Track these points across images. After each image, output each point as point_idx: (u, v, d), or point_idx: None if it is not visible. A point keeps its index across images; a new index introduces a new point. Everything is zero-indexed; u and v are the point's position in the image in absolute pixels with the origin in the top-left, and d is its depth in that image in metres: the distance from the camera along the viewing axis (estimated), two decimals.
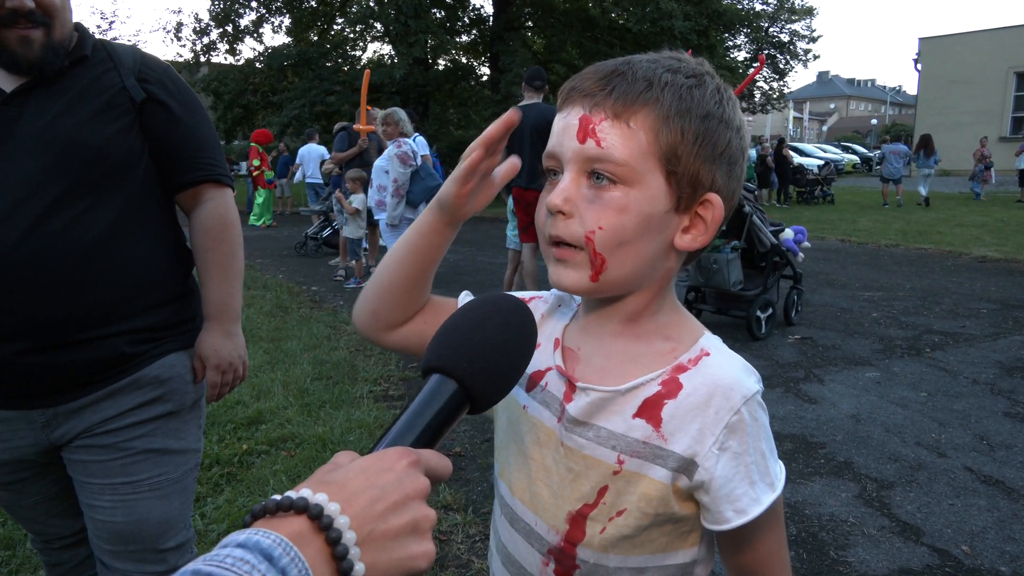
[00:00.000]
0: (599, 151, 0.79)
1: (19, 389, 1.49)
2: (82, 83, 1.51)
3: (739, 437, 0.82)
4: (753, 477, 0.82)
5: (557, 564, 0.90)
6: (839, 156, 32.40)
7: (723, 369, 0.85)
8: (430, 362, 0.71)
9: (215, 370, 1.72)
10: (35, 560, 2.66)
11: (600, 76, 0.82)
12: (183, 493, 1.71)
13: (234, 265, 1.76)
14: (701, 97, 0.81)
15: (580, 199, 0.81)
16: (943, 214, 15.68)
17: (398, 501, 0.59)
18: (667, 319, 0.90)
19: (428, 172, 6.96)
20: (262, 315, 6.73)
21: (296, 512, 0.54)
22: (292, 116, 20.52)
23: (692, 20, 21.09)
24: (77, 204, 1.47)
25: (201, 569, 0.47)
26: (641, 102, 0.79)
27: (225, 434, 3.85)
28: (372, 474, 0.59)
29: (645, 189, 0.80)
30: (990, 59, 27.40)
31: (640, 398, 0.85)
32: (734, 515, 0.81)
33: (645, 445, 0.83)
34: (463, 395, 0.70)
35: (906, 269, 9.37)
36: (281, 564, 0.49)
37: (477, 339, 0.72)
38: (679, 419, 0.83)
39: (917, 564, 2.73)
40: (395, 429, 0.67)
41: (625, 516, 0.85)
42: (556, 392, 0.91)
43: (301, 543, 0.52)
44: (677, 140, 0.79)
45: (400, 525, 0.59)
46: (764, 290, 6.00)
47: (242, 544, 0.50)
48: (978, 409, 4.35)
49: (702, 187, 0.82)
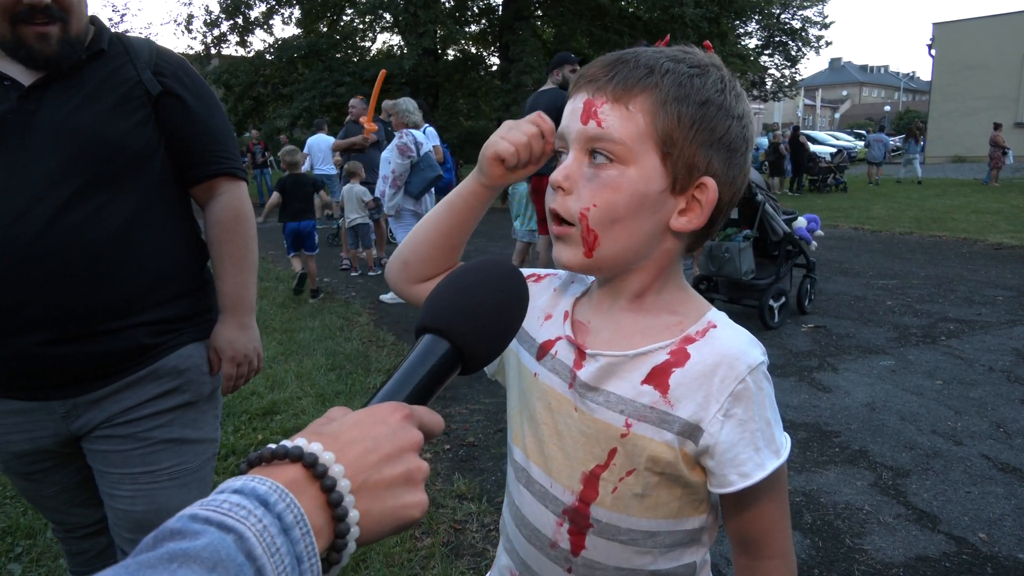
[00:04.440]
0: (599, 131, 0.85)
1: (39, 380, 1.51)
2: (99, 77, 1.52)
3: (744, 405, 0.85)
4: (758, 443, 0.86)
5: (571, 524, 0.93)
6: (852, 144, 32.10)
7: (729, 340, 0.89)
8: (424, 322, 0.73)
9: (230, 362, 1.73)
10: (55, 549, 2.69)
11: (605, 64, 0.88)
12: (202, 482, 1.73)
13: (248, 258, 1.77)
14: (702, 85, 0.85)
15: (580, 177, 0.87)
16: (957, 201, 15.54)
17: (391, 452, 0.60)
18: (672, 296, 0.94)
19: (429, 163, 6.94)
20: (275, 306, 6.76)
21: (291, 460, 0.55)
22: (303, 108, 20.54)
23: (703, 7, 20.92)
24: (95, 197, 1.47)
25: (199, 513, 0.48)
26: (640, 87, 0.84)
27: (240, 424, 3.88)
28: (366, 426, 0.61)
29: (640, 169, 0.84)
30: (1004, 44, 27.06)
31: (648, 365, 0.89)
32: (738, 478, 0.85)
33: (652, 410, 0.88)
34: (455, 355, 0.71)
35: (920, 257, 9.30)
36: (277, 510, 0.50)
37: (470, 302, 0.73)
38: (685, 387, 0.87)
39: (934, 552, 2.72)
40: (388, 386, 0.68)
41: (635, 476, 0.89)
42: (566, 360, 0.95)
43: (296, 490, 0.53)
44: (673, 124, 0.84)
45: (394, 475, 0.60)
46: (777, 279, 5.97)
47: (238, 490, 0.50)
48: (994, 397, 4.32)
49: (697, 171, 0.86)
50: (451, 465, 3.47)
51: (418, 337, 0.73)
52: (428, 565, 2.63)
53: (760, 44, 30.05)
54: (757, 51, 29.88)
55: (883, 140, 21.73)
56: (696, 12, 20.43)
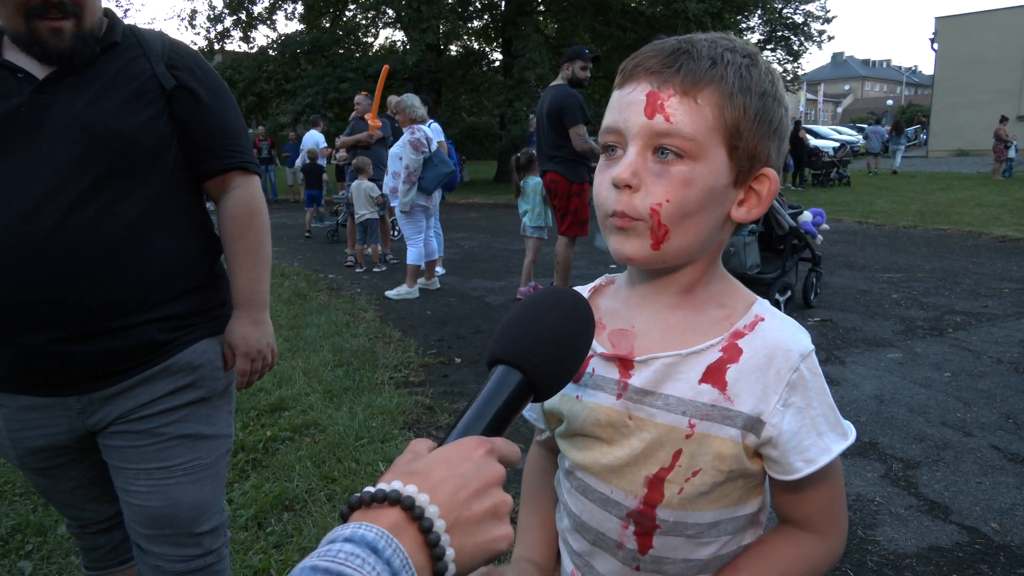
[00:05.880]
0: (668, 126, 0.81)
1: (54, 377, 1.50)
2: (113, 70, 1.51)
3: (801, 392, 0.86)
4: (821, 428, 0.87)
5: (637, 526, 0.93)
6: (854, 137, 32.02)
7: (779, 332, 0.89)
8: (495, 354, 0.74)
9: (244, 358, 1.73)
10: (66, 546, 2.69)
11: (667, 54, 0.84)
12: (216, 478, 1.72)
13: (261, 253, 1.76)
14: (758, 76, 0.85)
15: (647, 173, 0.83)
16: (961, 194, 15.50)
17: (479, 488, 0.63)
18: (719, 287, 0.94)
19: (441, 159, 6.93)
20: (281, 303, 6.76)
21: (390, 504, 0.58)
22: (306, 104, 20.56)
23: (706, 2, 20.88)
24: (109, 192, 1.47)
25: (319, 565, 0.51)
26: (707, 79, 0.82)
27: (249, 421, 3.89)
28: (453, 463, 0.63)
29: (710, 163, 0.83)
30: (1007, 38, 26.97)
31: (703, 364, 0.88)
32: (804, 464, 0.86)
33: (714, 408, 0.87)
34: (528, 385, 0.73)
35: (925, 250, 9.29)
36: (385, 556, 0.54)
37: (540, 331, 0.74)
38: (743, 381, 0.86)
39: (947, 542, 2.72)
40: (465, 419, 0.70)
41: (701, 475, 0.89)
42: (608, 374, 0.93)
43: (398, 533, 0.56)
44: (740, 116, 0.83)
45: (482, 511, 0.62)
46: (782, 273, 5.96)
47: (349, 539, 0.54)
48: (1003, 388, 4.32)
49: (759, 162, 0.86)
50: None
51: (490, 369, 0.74)
52: None
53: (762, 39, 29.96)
54: (759, 46, 29.76)
55: (880, 132, 24.22)
56: (699, 7, 20.40)
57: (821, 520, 0.92)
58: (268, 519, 2.88)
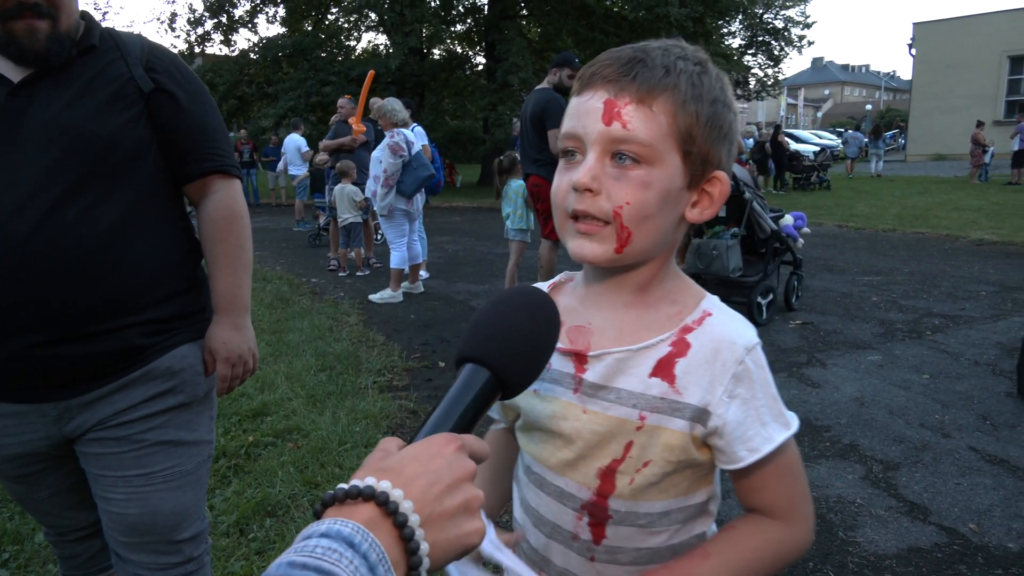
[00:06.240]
0: (625, 133, 0.85)
1: (31, 382, 1.48)
2: (90, 73, 1.50)
3: (746, 384, 0.90)
4: (764, 419, 0.90)
5: (591, 517, 0.96)
6: (834, 142, 32.34)
7: (725, 326, 0.93)
8: (464, 352, 0.75)
9: (225, 363, 1.71)
10: (44, 554, 2.66)
11: (623, 63, 0.87)
12: (197, 484, 1.71)
13: (242, 257, 1.74)
14: (709, 83, 0.89)
15: (605, 177, 0.86)
16: (939, 198, 15.69)
17: (450, 484, 0.64)
18: (672, 285, 0.98)
19: (421, 163, 6.91)
20: (263, 307, 6.72)
21: (364, 500, 0.59)
22: (288, 107, 20.45)
23: (688, 7, 21.02)
24: (87, 195, 1.45)
25: (296, 560, 0.52)
26: (661, 88, 0.85)
27: (231, 426, 3.85)
28: (424, 460, 0.64)
29: (665, 167, 0.86)
30: (984, 43, 27.29)
31: (654, 359, 0.92)
32: (747, 453, 0.89)
33: (663, 400, 0.91)
34: (496, 382, 0.74)
35: (904, 253, 9.39)
36: (362, 550, 0.54)
37: (507, 329, 0.76)
38: (691, 374, 0.90)
39: (926, 543, 2.74)
40: (435, 417, 0.71)
41: (651, 466, 0.92)
42: (564, 369, 0.96)
43: (373, 528, 0.57)
44: (692, 123, 0.87)
45: (455, 506, 0.63)
46: (764, 276, 6.01)
47: (325, 534, 0.55)
48: (980, 390, 4.37)
49: (711, 165, 0.90)
50: None
51: (458, 367, 0.75)
52: None
53: (743, 44, 30.25)
54: (740, 51, 30.05)
55: (858, 137, 25.69)
56: (681, 12, 20.52)
57: (783, 508, 0.94)
58: (250, 525, 2.86)
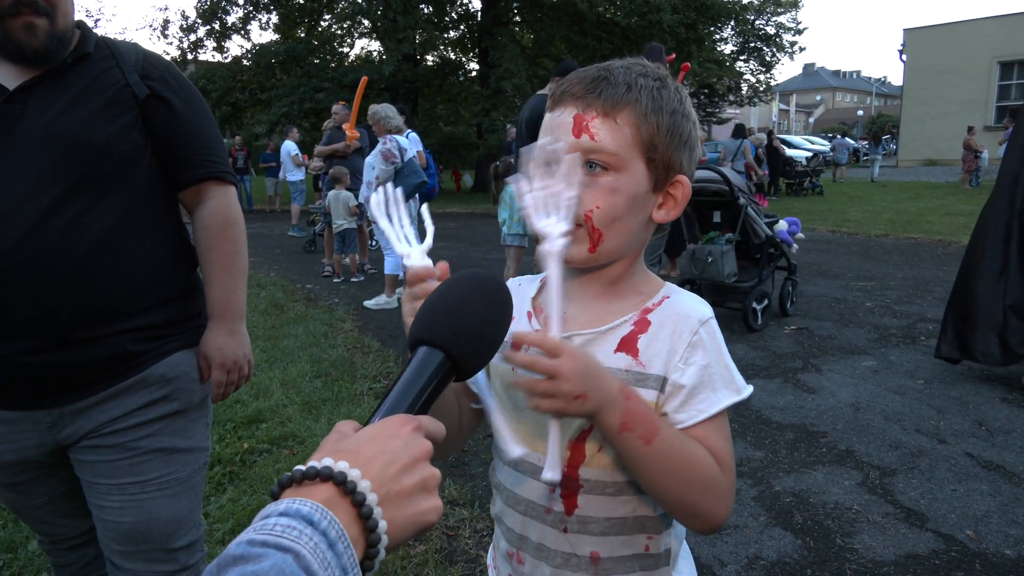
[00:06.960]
0: (593, 144, 0.95)
1: (24, 389, 1.47)
2: (85, 80, 1.50)
3: (701, 352, 0.98)
4: (716, 385, 0.98)
5: (563, 488, 1.03)
6: (827, 148, 32.50)
7: (682, 304, 1.03)
8: (418, 335, 0.77)
9: (220, 369, 1.71)
10: (38, 562, 2.63)
11: (588, 81, 0.98)
12: (192, 492, 1.70)
13: (237, 263, 1.74)
14: (668, 96, 0.99)
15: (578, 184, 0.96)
16: (931, 203, 15.76)
17: (407, 463, 0.65)
18: (639, 279, 1.08)
19: (412, 169, 6.90)
20: (257, 314, 6.70)
21: (322, 480, 0.60)
22: (281, 113, 20.44)
23: (680, 13, 21.12)
24: (81, 202, 1.45)
25: (255, 538, 0.52)
26: (624, 102, 0.96)
27: (226, 433, 3.83)
28: (381, 440, 0.65)
29: (631, 174, 0.97)
30: (975, 49, 27.48)
31: (618, 337, 1.01)
32: (696, 414, 0.97)
33: (628, 372, 0.99)
34: (450, 364, 0.76)
35: (897, 258, 9.42)
36: (321, 527, 0.55)
37: (460, 313, 0.78)
38: (652, 347, 0.99)
39: (923, 549, 2.74)
40: (390, 398, 0.72)
41: None
42: None
43: (332, 507, 0.58)
44: (654, 132, 0.97)
45: (412, 484, 0.65)
46: (759, 282, 6.01)
47: (284, 513, 0.55)
48: (975, 395, 4.38)
49: (673, 170, 1.00)
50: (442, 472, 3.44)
51: (412, 350, 0.77)
52: (422, 572, 2.61)
53: (736, 50, 30.41)
54: (733, 57, 30.22)
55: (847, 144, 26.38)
56: (673, 18, 20.63)
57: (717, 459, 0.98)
58: None
